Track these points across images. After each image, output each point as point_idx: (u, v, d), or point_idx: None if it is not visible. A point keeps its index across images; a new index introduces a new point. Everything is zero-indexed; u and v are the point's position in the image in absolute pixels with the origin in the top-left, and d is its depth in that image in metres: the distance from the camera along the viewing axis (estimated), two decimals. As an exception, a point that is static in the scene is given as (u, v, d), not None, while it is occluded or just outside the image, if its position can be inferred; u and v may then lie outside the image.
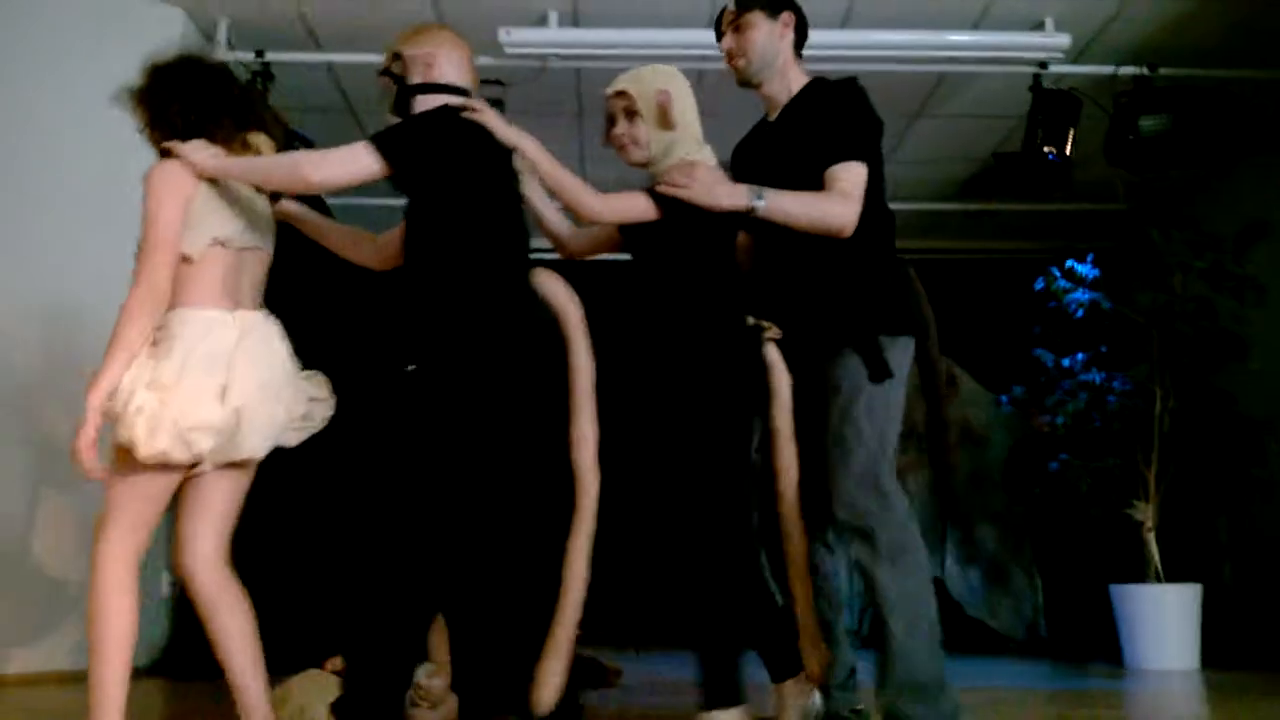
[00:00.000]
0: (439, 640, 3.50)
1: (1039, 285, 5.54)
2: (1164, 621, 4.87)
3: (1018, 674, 4.83)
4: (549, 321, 2.37)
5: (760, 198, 2.48)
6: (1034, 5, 4.77)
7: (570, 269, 2.55)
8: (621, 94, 2.63)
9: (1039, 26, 4.86)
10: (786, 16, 2.71)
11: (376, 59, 2.47)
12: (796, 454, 2.56)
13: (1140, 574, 4.99)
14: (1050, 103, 5.02)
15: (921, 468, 6.89)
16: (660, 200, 2.52)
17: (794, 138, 2.65)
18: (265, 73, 4.92)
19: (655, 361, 2.56)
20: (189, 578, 2.27)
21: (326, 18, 4.84)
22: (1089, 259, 5.48)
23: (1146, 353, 5.15)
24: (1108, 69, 5.09)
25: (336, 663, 3.17)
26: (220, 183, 2.28)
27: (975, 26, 4.90)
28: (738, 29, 2.70)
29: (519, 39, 4.63)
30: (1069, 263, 5.50)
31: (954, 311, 7.21)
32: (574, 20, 4.81)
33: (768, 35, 2.68)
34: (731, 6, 2.73)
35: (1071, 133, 5.04)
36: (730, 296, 2.59)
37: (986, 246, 7.43)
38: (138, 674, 4.27)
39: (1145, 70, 5.03)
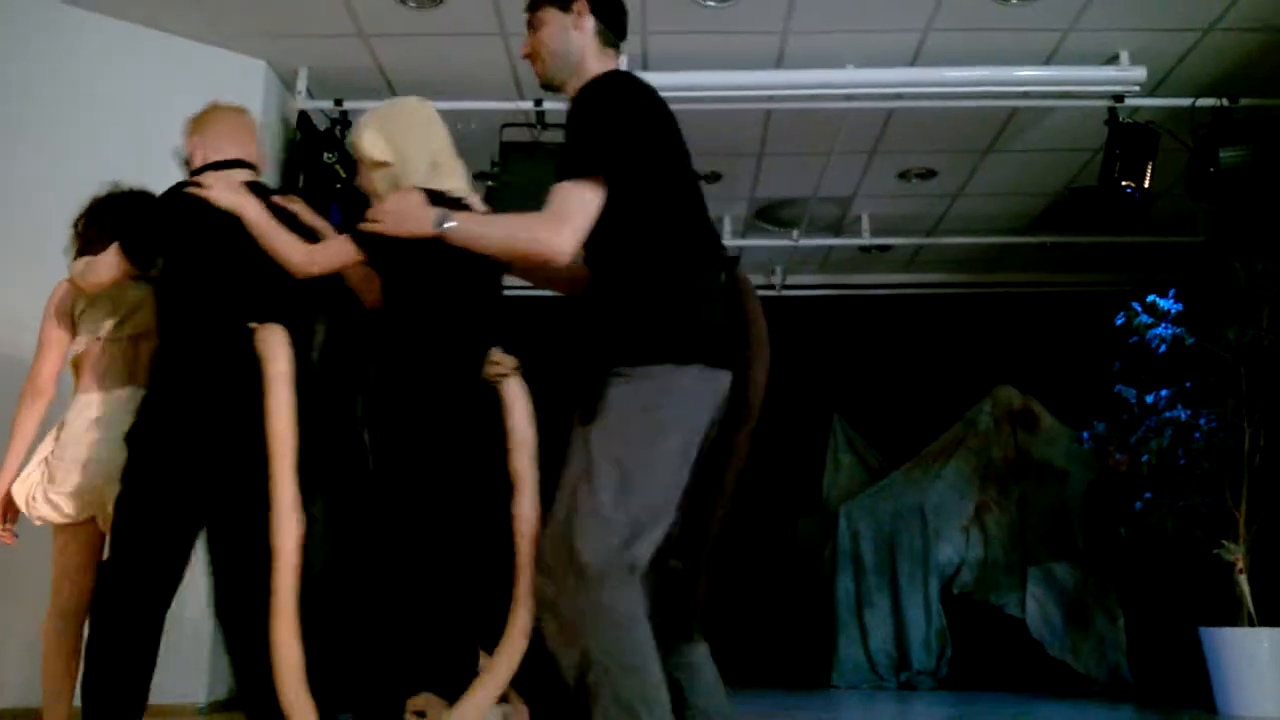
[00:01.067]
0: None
1: (1119, 320, 5.40)
2: (1259, 666, 4.70)
3: (1103, 719, 4.69)
4: (250, 375, 2.38)
5: (447, 222, 2.23)
6: (1108, 39, 4.72)
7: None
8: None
9: (1113, 60, 4.81)
10: (580, 5, 2.31)
11: (449, 106, 2.55)
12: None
13: (1232, 617, 4.82)
14: (1127, 136, 4.94)
15: (1000, 509, 6.77)
16: (361, 240, 2.37)
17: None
18: (343, 120, 5.07)
19: (385, 403, 2.41)
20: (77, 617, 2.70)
21: (402, 66, 4.96)
22: (1170, 293, 5.35)
23: (1234, 388, 5.00)
24: (1185, 101, 5.01)
25: (418, 702, 3.16)
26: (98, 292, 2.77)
27: (1048, 61, 4.86)
28: (533, 27, 2.37)
29: (589, 83, 4.68)
30: (1150, 297, 5.36)
31: (1031, 346, 7.19)
32: (644, 64, 4.87)
33: (559, 30, 2.31)
34: (525, 6, 2.42)
35: (1150, 166, 4.95)
36: (465, 331, 2.42)
37: (1062, 280, 7.33)
38: (212, 709, 4.35)
39: (1224, 102, 4.94)
